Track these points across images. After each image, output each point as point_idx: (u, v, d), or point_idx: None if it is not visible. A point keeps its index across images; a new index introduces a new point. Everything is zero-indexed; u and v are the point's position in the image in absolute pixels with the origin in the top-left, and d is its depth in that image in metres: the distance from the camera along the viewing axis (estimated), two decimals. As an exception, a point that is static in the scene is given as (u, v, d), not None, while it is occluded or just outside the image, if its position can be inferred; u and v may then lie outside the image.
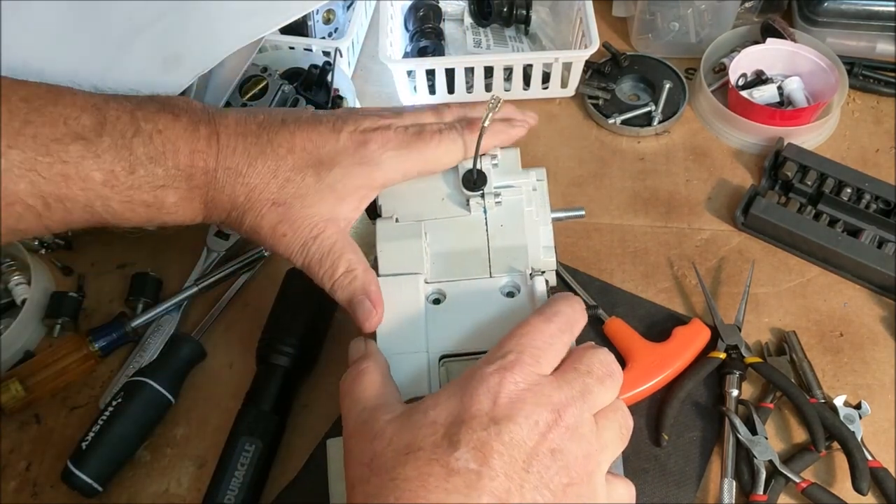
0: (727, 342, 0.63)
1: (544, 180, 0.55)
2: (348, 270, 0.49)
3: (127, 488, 0.60)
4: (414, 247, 0.51)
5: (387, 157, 0.50)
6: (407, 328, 0.48)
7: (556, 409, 0.39)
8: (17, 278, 0.68)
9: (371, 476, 0.39)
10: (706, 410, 0.62)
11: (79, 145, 0.45)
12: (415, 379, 0.46)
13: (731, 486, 0.57)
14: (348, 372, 0.46)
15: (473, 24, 0.88)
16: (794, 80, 0.80)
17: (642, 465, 0.59)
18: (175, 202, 0.49)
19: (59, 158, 0.44)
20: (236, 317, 0.68)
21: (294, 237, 0.49)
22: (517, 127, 0.56)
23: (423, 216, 0.52)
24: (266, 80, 0.73)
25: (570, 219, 0.58)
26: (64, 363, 0.64)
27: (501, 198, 0.52)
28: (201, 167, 0.49)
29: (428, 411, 0.40)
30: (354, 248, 0.50)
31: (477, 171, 0.52)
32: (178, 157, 0.48)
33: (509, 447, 0.38)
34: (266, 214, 0.49)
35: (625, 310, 0.67)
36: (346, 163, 0.50)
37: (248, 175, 0.49)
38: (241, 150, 0.49)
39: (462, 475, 0.37)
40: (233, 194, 0.49)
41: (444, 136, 0.52)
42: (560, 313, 0.44)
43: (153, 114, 0.48)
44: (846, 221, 0.70)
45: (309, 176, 0.50)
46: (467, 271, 0.50)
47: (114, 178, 0.46)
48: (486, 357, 0.42)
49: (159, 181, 0.48)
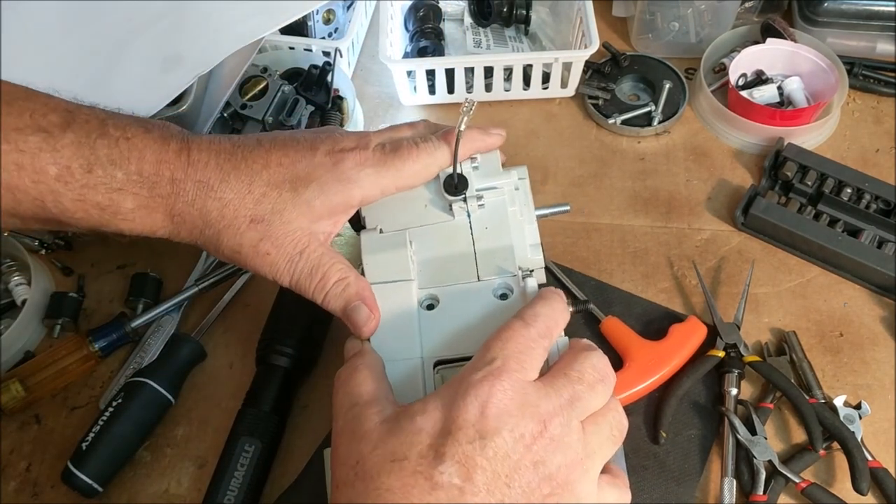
0: (726, 340, 0.63)
1: (526, 178, 0.55)
2: (340, 279, 0.49)
3: (127, 488, 0.60)
4: (400, 256, 0.50)
5: (364, 175, 0.50)
6: (401, 334, 0.48)
7: (542, 419, 0.40)
8: (17, 279, 0.68)
9: (355, 480, 0.39)
10: (705, 409, 0.62)
11: (38, 137, 0.44)
12: (410, 385, 0.46)
13: (731, 486, 0.57)
14: (343, 367, 0.46)
15: (473, 24, 0.88)
16: (794, 80, 0.80)
17: (641, 462, 0.59)
18: (132, 209, 0.47)
19: (16, 147, 0.44)
20: (236, 317, 0.68)
21: (278, 254, 0.48)
22: (493, 135, 0.55)
23: (407, 224, 0.52)
24: (266, 81, 0.73)
25: (555, 215, 0.58)
26: (64, 363, 0.64)
27: (484, 200, 0.52)
28: (167, 176, 0.47)
29: (415, 417, 0.40)
30: (340, 257, 0.50)
31: (458, 175, 0.52)
32: (142, 164, 0.47)
33: (493, 462, 0.38)
34: (245, 233, 0.48)
35: (621, 308, 0.67)
36: (323, 179, 0.49)
37: (220, 189, 0.48)
38: (213, 165, 0.48)
39: (445, 489, 0.37)
40: (204, 209, 0.48)
41: (421, 150, 0.51)
42: (538, 315, 0.44)
43: (124, 124, 0.47)
44: (846, 221, 0.70)
45: (286, 191, 0.49)
46: (455, 276, 0.50)
47: (68, 175, 0.45)
48: (471, 363, 0.42)
49: (117, 184, 0.46)
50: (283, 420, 0.61)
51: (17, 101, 0.45)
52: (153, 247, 0.72)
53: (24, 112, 0.45)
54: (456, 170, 0.52)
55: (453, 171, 0.52)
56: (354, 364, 0.45)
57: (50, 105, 0.46)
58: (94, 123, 0.46)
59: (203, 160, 0.48)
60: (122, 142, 0.47)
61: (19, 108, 0.45)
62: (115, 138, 0.46)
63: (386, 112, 0.83)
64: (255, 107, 0.72)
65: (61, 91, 0.47)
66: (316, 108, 0.74)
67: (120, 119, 0.48)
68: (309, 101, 0.74)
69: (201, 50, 0.66)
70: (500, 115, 0.82)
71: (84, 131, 0.46)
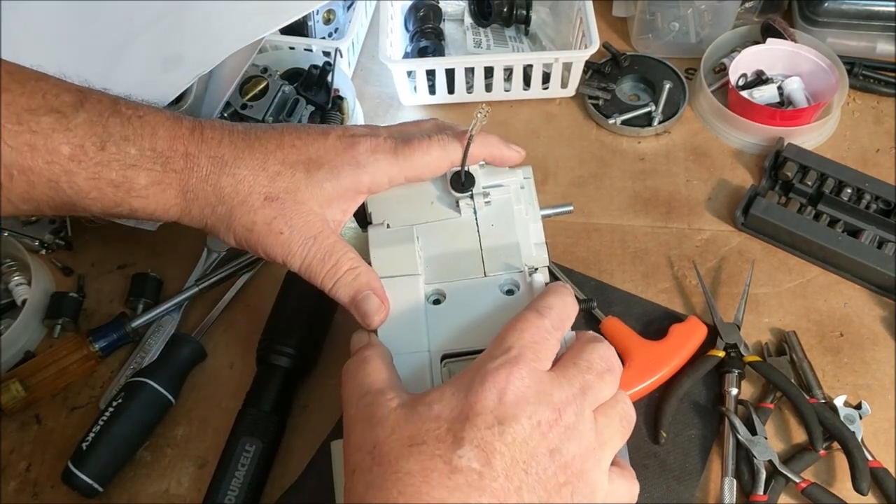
0: (726, 340, 0.64)
1: (531, 178, 0.55)
2: (352, 268, 0.49)
3: (127, 489, 0.60)
4: (407, 251, 0.51)
5: (374, 160, 0.50)
6: (408, 328, 0.48)
7: (557, 408, 0.40)
8: (18, 279, 0.68)
9: (373, 465, 0.39)
10: (705, 409, 0.62)
11: (51, 118, 0.44)
12: (417, 379, 0.46)
13: (731, 485, 0.57)
14: (351, 359, 0.45)
15: (473, 24, 0.88)
16: (795, 80, 0.80)
17: (643, 461, 0.59)
18: (146, 185, 0.47)
19: (29, 128, 0.44)
20: (236, 317, 0.68)
21: (292, 235, 0.48)
22: (512, 150, 0.54)
23: (414, 220, 0.52)
24: (266, 81, 0.73)
25: (559, 215, 0.58)
26: (64, 363, 0.64)
27: (490, 197, 0.52)
28: (181, 151, 0.47)
29: (433, 405, 0.40)
30: (351, 248, 0.50)
31: (465, 172, 0.52)
32: (155, 140, 0.47)
33: (511, 447, 0.38)
34: (259, 210, 0.48)
35: (621, 308, 0.67)
36: (335, 163, 0.49)
37: (234, 166, 0.48)
38: (227, 142, 0.48)
39: (464, 473, 0.37)
40: (217, 185, 0.47)
41: (433, 143, 0.51)
42: (552, 307, 0.44)
43: (136, 104, 0.48)
44: (846, 221, 0.70)
45: (299, 172, 0.49)
46: (462, 272, 0.50)
47: (82, 153, 0.45)
48: (487, 352, 0.42)
49: (130, 160, 0.46)
50: (284, 420, 0.61)
51: (29, 82, 0.45)
52: (153, 247, 0.72)
53: (37, 93, 0.45)
54: (464, 167, 0.52)
55: (461, 167, 0.52)
56: (363, 355, 0.45)
57: (62, 86, 0.46)
58: (107, 103, 0.47)
59: (217, 137, 0.48)
60: (135, 119, 0.47)
61: (32, 88, 0.45)
62: (127, 116, 0.47)
63: (386, 112, 0.83)
64: (256, 107, 0.72)
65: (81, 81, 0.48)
66: (316, 108, 0.74)
67: (131, 101, 0.48)
68: (309, 101, 0.74)
69: (201, 50, 0.66)
70: (500, 115, 0.82)
71: (97, 111, 0.46)
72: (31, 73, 0.46)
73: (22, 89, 0.44)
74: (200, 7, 0.67)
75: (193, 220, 0.49)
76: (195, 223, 0.50)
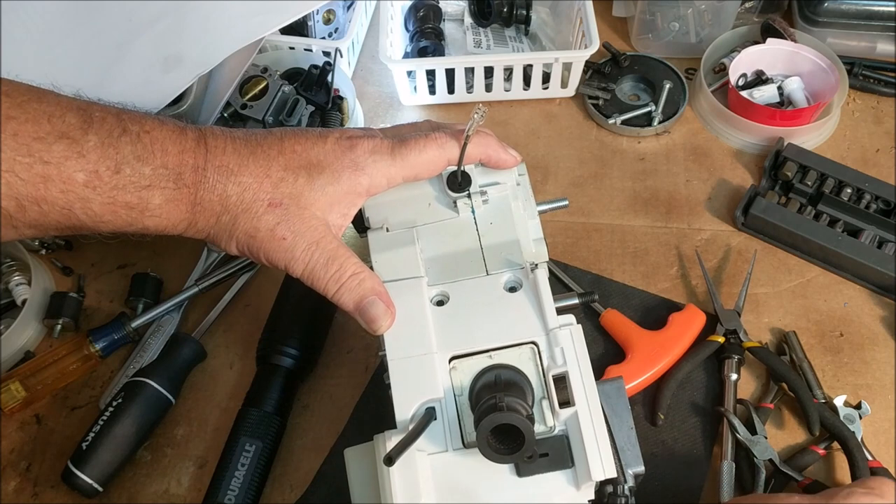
0: (726, 326, 0.64)
1: (525, 174, 0.55)
2: (356, 273, 0.48)
3: (127, 488, 0.60)
4: (408, 254, 0.51)
5: (372, 162, 0.50)
6: (414, 331, 0.48)
7: None
8: (18, 279, 0.68)
9: None
10: (707, 395, 0.62)
11: (63, 144, 0.42)
12: (427, 381, 0.46)
13: (730, 469, 0.57)
14: None
15: (473, 24, 0.88)
16: (794, 80, 0.80)
17: (651, 449, 0.60)
18: (160, 204, 0.46)
19: (41, 159, 0.42)
20: (237, 317, 0.68)
21: (295, 241, 0.48)
22: (509, 154, 0.54)
23: (413, 223, 0.52)
24: (266, 81, 0.73)
25: (555, 209, 0.58)
26: (64, 363, 0.64)
27: (487, 196, 0.52)
28: (191, 164, 0.47)
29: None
30: (354, 253, 0.50)
31: (461, 172, 0.52)
32: (166, 157, 0.46)
33: None
34: (262, 216, 0.48)
35: (619, 300, 0.67)
36: (335, 166, 0.49)
37: (239, 174, 0.47)
38: (230, 150, 0.48)
39: None
40: (224, 194, 0.47)
41: (430, 141, 0.51)
42: None
43: (139, 117, 0.47)
44: (846, 221, 0.70)
45: (301, 177, 0.49)
46: (464, 272, 0.50)
47: (97, 179, 0.44)
48: None
49: (145, 181, 0.45)
50: (284, 420, 0.61)
51: (29, 104, 0.42)
52: (153, 247, 0.72)
53: (41, 117, 0.42)
54: (460, 167, 0.52)
55: (458, 167, 0.52)
56: None
57: (63, 104, 0.44)
58: (112, 121, 0.45)
59: (220, 146, 0.48)
60: (144, 136, 0.46)
61: (34, 112, 0.42)
62: (135, 133, 0.45)
63: (386, 112, 0.83)
64: (256, 107, 0.72)
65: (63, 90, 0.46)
66: (316, 108, 0.74)
67: (132, 114, 0.47)
68: (309, 101, 0.74)
69: (201, 50, 0.66)
70: (500, 115, 0.82)
71: (105, 130, 0.44)
72: (25, 90, 0.44)
73: (25, 115, 0.42)
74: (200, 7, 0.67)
75: (198, 232, 0.49)
76: (199, 234, 0.49)
